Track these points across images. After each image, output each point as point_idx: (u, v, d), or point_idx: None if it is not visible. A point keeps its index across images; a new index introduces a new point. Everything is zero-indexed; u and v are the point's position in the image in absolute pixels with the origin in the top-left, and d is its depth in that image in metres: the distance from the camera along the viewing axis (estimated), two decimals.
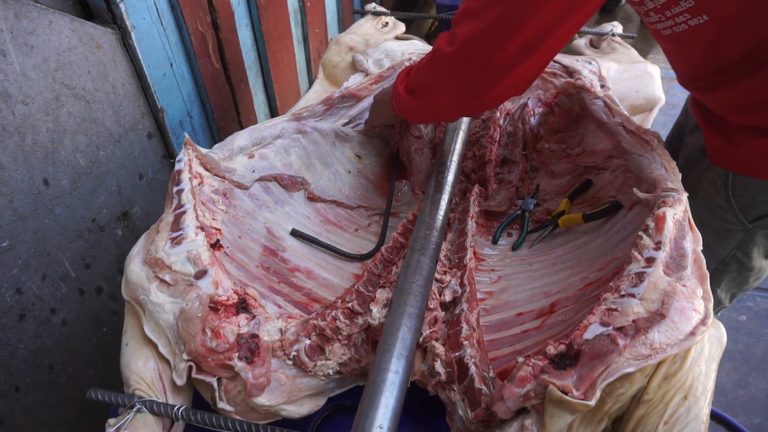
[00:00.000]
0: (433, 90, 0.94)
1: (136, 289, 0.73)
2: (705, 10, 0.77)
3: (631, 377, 0.59)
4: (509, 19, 0.76)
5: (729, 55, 0.82)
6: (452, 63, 0.86)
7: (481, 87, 0.85)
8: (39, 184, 1.01)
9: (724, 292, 1.13)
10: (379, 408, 0.62)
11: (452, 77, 0.87)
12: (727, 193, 0.96)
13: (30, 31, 0.93)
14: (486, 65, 0.81)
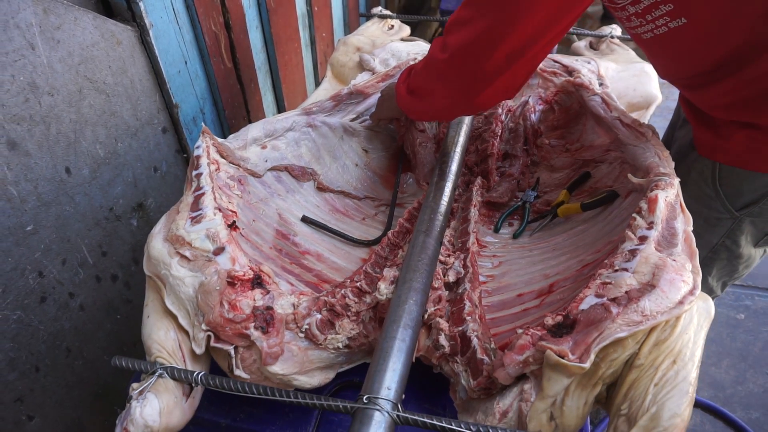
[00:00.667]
0: (430, 93, 0.99)
1: (158, 264, 0.77)
2: (683, 13, 0.82)
3: (624, 342, 0.63)
4: (496, 29, 0.81)
5: (708, 58, 0.87)
6: (445, 69, 0.91)
7: (471, 91, 0.90)
8: (61, 172, 1.06)
9: (715, 280, 1.17)
10: (387, 371, 0.66)
11: (445, 82, 0.93)
12: (715, 183, 1.00)
13: (57, 26, 0.98)
14: (475, 72, 0.86)
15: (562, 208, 1.09)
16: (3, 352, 1.00)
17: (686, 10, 0.82)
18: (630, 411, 0.62)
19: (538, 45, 0.83)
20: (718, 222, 1.05)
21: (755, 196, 0.97)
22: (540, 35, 0.81)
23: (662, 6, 0.84)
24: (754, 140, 0.90)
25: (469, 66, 0.86)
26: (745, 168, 0.94)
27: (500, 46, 0.82)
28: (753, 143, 0.91)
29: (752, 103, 0.88)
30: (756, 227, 1.02)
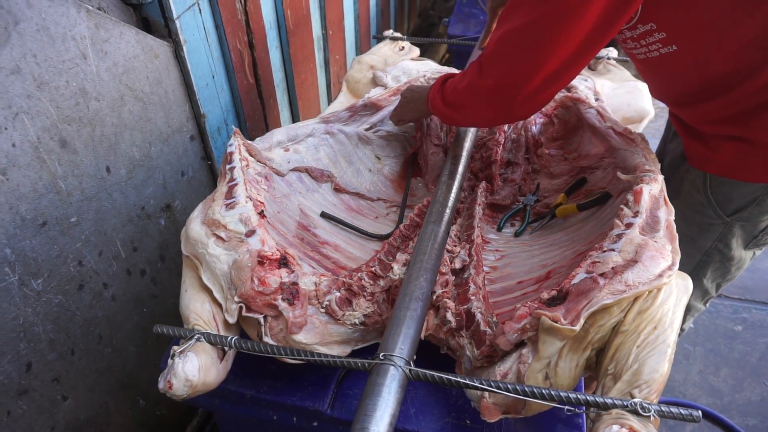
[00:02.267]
0: (470, 109, 1.09)
1: (196, 244, 0.87)
2: (674, 41, 0.93)
3: (610, 310, 0.71)
4: (530, 63, 0.90)
5: (696, 81, 0.97)
6: (488, 94, 1.00)
7: (512, 110, 1.00)
8: (102, 170, 1.16)
9: (710, 281, 1.25)
10: (401, 335, 0.75)
11: (488, 103, 1.02)
12: (706, 191, 1.09)
13: (105, 40, 1.10)
14: (515, 95, 0.95)
15: (560, 209, 1.18)
16: (45, 332, 1.08)
17: (677, 38, 0.93)
18: (616, 370, 0.70)
19: (570, 71, 0.93)
20: (710, 227, 1.13)
21: (744, 203, 1.05)
22: (570, 65, 0.91)
23: (655, 33, 0.94)
24: (740, 152, 0.99)
25: (510, 91, 0.95)
26: (733, 178, 1.03)
27: (536, 75, 0.91)
28: (739, 155, 1.00)
29: (738, 119, 0.97)
30: (745, 231, 1.10)
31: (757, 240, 1.12)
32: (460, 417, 0.89)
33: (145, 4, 1.21)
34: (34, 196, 1.00)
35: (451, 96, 1.11)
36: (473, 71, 1.02)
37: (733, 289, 2.21)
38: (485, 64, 0.98)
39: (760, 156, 0.96)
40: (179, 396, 0.74)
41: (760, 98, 0.90)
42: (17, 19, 0.91)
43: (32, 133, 0.98)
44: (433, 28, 4.09)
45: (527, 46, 0.89)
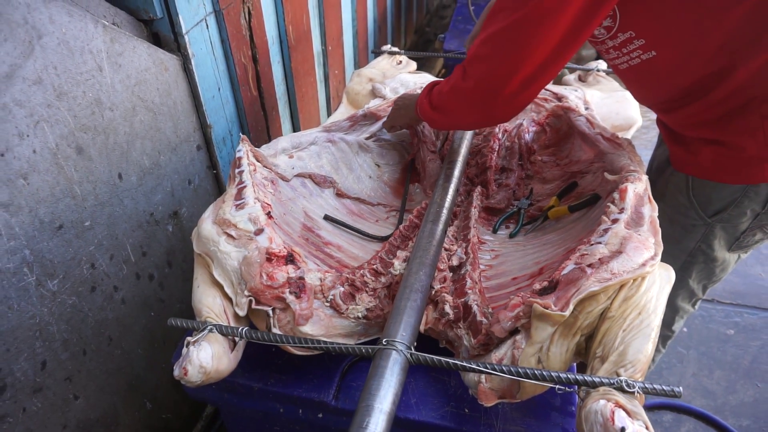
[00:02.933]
0: (455, 111, 1.14)
1: (207, 242, 0.92)
2: (653, 47, 1.00)
3: (597, 297, 0.76)
4: (511, 64, 0.95)
5: (676, 85, 1.04)
6: (469, 95, 1.05)
7: (493, 111, 1.05)
8: (115, 177, 1.21)
9: (696, 282, 1.30)
10: (402, 323, 0.80)
11: (470, 105, 1.08)
12: (689, 193, 1.15)
13: (120, 53, 1.16)
14: (495, 97, 1.01)
15: (552, 211, 1.23)
16: (59, 332, 1.13)
17: (655, 44, 0.99)
18: (603, 352, 0.75)
19: (547, 73, 0.98)
20: (693, 228, 1.19)
21: (723, 204, 1.11)
22: (547, 67, 0.96)
23: (635, 41, 1.01)
24: (718, 155, 1.05)
25: (490, 92, 1.01)
26: (712, 180, 1.09)
27: (515, 76, 0.96)
28: (718, 158, 1.06)
29: (715, 124, 1.03)
30: (727, 232, 1.15)
31: (739, 242, 1.17)
32: (459, 406, 0.93)
33: (156, 20, 1.28)
34: (52, 200, 1.06)
35: (437, 100, 1.17)
36: (457, 74, 1.08)
37: (725, 294, 2.26)
38: (468, 67, 1.04)
39: (735, 158, 1.02)
40: (193, 382, 0.78)
41: (733, 103, 0.96)
42: (40, 34, 0.97)
43: (51, 141, 1.03)
44: (429, 44, 4.19)
45: (506, 49, 0.95)
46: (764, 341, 2.07)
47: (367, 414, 0.67)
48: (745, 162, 1.01)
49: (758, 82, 0.92)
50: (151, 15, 1.25)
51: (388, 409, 0.68)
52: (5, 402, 1.03)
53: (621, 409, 0.64)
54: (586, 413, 0.66)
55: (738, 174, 1.04)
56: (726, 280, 2.32)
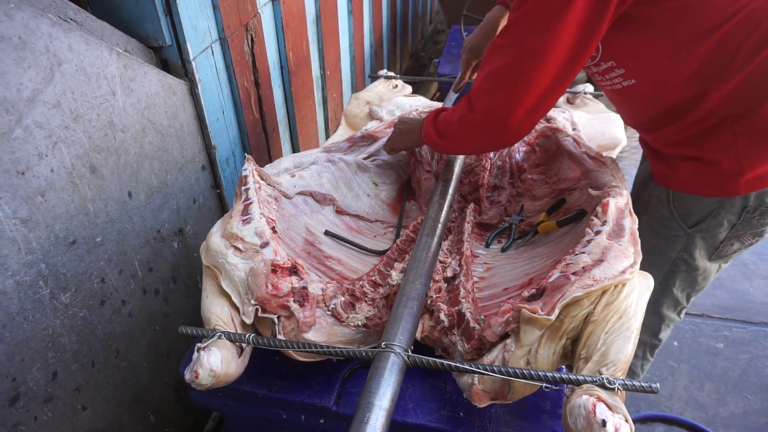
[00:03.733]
0: (462, 139, 1.19)
1: (216, 255, 0.98)
2: (632, 76, 1.08)
3: (581, 302, 0.82)
4: (513, 98, 1.02)
5: (655, 109, 1.12)
6: (477, 126, 1.10)
7: (500, 138, 1.11)
8: (125, 195, 1.27)
9: (680, 291, 1.36)
10: (399, 328, 0.85)
11: (477, 134, 1.13)
12: (670, 206, 1.22)
13: (132, 78, 1.23)
14: (502, 126, 1.06)
15: (541, 226, 1.29)
16: (70, 344, 1.17)
17: (634, 73, 1.08)
18: (587, 353, 0.80)
19: (548, 101, 1.04)
20: (675, 239, 1.25)
21: (702, 215, 1.18)
22: (548, 95, 1.02)
23: (616, 69, 1.10)
24: (695, 170, 1.13)
25: (497, 123, 1.06)
26: (691, 193, 1.16)
27: (519, 107, 1.02)
28: (696, 173, 1.13)
29: (692, 142, 1.11)
30: (706, 242, 1.22)
31: (719, 252, 1.23)
32: (454, 410, 0.98)
33: (165, 47, 1.35)
34: (67, 217, 1.11)
35: (444, 128, 1.23)
36: (464, 106, 1.14)
37: (714, 309, 2.32)
38: (474, 100, 1.10)
39: (712, 173, 1.09)
40: (204, 385, 0.83)
41: (708, 122, 1.04)
42: (60, 61, 1.04)
43: (67, 160, 1.09)
44: (424, 69, 4.30)
45: (509, 84, 1.02)
46: (753, 354, 2.12)
47: (368, 410, 0.72)
48: (721, 176, 1.08)
49: (729, 104, 1.00)
50: (160, 42, 1.32)
51: (387, 406, 0.73)
52: (18, 410, 1.07)
53: (602, 403, 0.70)
54: (570, 407, 0.72)
55: (715, 187, 1.11)
56: (715, 296, 2.39)
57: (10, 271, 1.00)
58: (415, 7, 4.33)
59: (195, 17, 1.37)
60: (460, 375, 0.91)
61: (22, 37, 0.96)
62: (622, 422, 0.69)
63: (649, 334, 1.48)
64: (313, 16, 2.21)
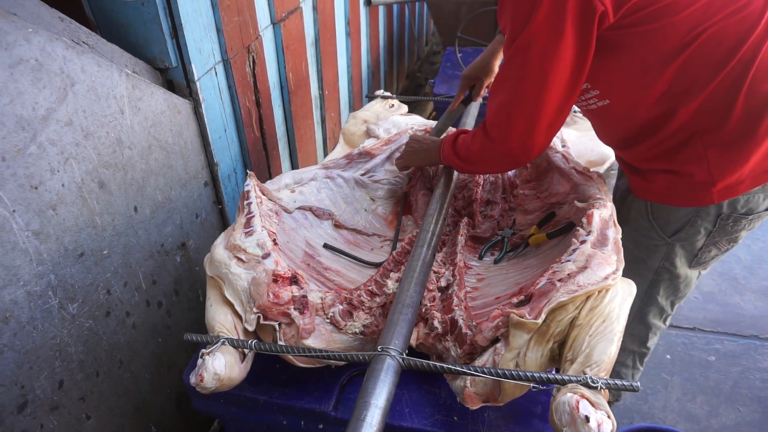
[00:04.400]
0: (484, 164, 1.27)
1: (220, 265, 1.02)
2: (606, 97, 1.15)
3: (566, 307, 0.87)
4: (526, 125, 1.09)
5: (629, 127, 1.18)
6: (498, 153, 1.18)
7: (520, 160, 1.18)
8: (131, 210, 1.32)
9: (664, 299, 1.40)
10: (395, 333, 0.89)
11: (499, 160, 1.21)
12: (649, 217, 1.28)
13: (139, 98, 1.29)
14: (521, 149, 1.13)
15: (532, 239, 1.34)
16: (77, 353, 1.21)
17: (608, 94, 1.15)
18: (572, 355, 0.85)
19: (559, 120, 1.11)
20: (656, 248, 1.31)
21: (680, 225, 1.24)
22: (557, 116, 1.09)
23: (591, 91, 1.17)
24: (670, 182, 1.19)
25: (515, 148, 1.14)
26: (667, 204, 1.22)
27: (534, 132, 1.09)
28: (671, 185, 1.19)
29: (665, 156, 1.17)
30: (686, 250, 1.28)
31: (698, 259, 1.29)
32: (449, 414, 1.02)
33: (171, 69, 1.42)
34: (76, 230, 1.16)
35: (465, 153, 1.28)
36: (482, 135, 1.20)
37: (706, 323, 2.36)
38: (490, 131, 1.16)
39: (686, 184, 1.15)
40: (208, 389, 0.87)
41: (679, 137, 1.10)
42: (73, 82, 1.10)
43: (78, 176, 1.14)
44: (420, 89, 4.40)
45: (520, 114, 1.09)
46: (744, 367, 2.16)
47: (365, 408, 0.76)
48: (694, 187, 1.14)
49: (697, 119, 1.07)
50: (166, 64, 1.39)
51: (383, 405, 0.77)
52: (25, 417, 1.10)
53: (585, 401, 0.74)
54: (556, 405, 0.76)
55: (689, 198, 1.17)
56: (706, 309, 2.44)
57: (21, 281, 1.04)
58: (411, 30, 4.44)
59: (200, 40, 1.44)
60: (453, 379, 0.95)
61: (39, 60, 1.02)
62: (604, 418, 0.73)
63: (637, 343, 1.52)
64: (312, 39, 2.29)
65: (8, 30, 0.95)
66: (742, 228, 1.25)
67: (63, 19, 1.12)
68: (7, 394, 1.05)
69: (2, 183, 0.97)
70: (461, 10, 3.48)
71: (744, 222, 1.22)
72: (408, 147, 1.52)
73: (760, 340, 2.27)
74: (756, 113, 1.04)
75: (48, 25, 1.08)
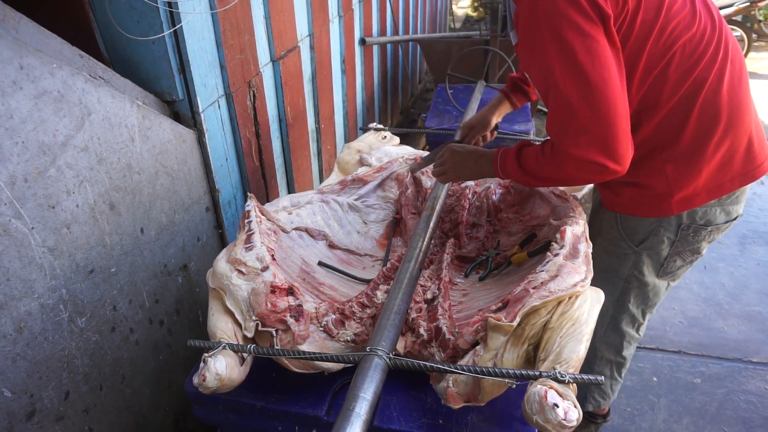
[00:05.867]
0: (566, 177, 1.15)
1: (222, 277, 1.10)
2: None
3: (539, 311, 0.95)
4: (602, 139, 1.03)
5: None
6: (590, 164, 1.06)
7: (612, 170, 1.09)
8: (138, 231, 1.41)
9: (635, 307, 1.49)
10: (383, 336, 0.97)
11: (589, 171, 1.09)
12: (618, 228, 1.37)
13: (148, 127, 1.40)
14: (611, 157, 1.05)
15: (514, 258, 1.43)
16: (83, 366, 1.27)
17: None
18: (545, 355, 0.92)
19: (624, 119, 1.04)
20: (625, 257, 1.40)
21: (645, 234, 1.34)
22: (623, 117, 1.03)
23: None
24: (635, 194, 1.29)
25: (603, 158, 1.05)
26: (632, 215, 1.32)
27: (616, 135, 1.03)
28: (635, 196, 1.30)
29: (631, 169, 1.22)
30: (652, 259, 1.37)
31: (665, 268, 1.38)
32: (434, 418, 1.08)
33: (177, 101, 1.53)
34: (87, 248, 1.24)
35: (533, 169, 1.19)
36: (548, 149, 1.13)
37: (691, 346, 2.42)
38: (558, 143, 1.09)
39: (648, 196, 1.26)
40: (210, 388, 0.94)
41: (642, 151, 1.20)
42: (90, 111, 1.20)
43: (91, 198, 1.24)
44: (413, 124, 4.56)
45: (596, 123, 1.03)
46: (729, 389, 2.21)
47: (354, 400, 0.83)
48: (655, 198, 1.25)
49: (657, 134, 1.18)
50: (174, 97, 1.50)
51: (370, 398, 0.84)
52: (33, 426, 1.16)
53: (553, 391, 0.81)
54: (527, 396, 0.83)
55: (651, 209, 1.27)
56: (691, 333, 2.50)
57: (36, 293, 1.12)
58: (404, 69, 4.63)
59: (205, 75, 1.56)
60: (437, 382, 1.02)
61: (61, 91, 1.12)
62: (571, 407, 0.80)
63: (613, 352, 1.59)
64: (309, 75, 2.43)
65: (35, 65, 1.06)
66: (703, 239, 1.34)
67: (83, 56, 1.23)
68: (18, 402, 1.11)
69: (24, 202, 1.07)
70: (451, 49, 3.66)
71: (704, 233, 1.32)
72: (451, 159, 1.40)
73: (743, 363, 2.33)
74: (706, 131, 1.15)
75: (70, 61, 1.19)
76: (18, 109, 1.03)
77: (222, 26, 1.59)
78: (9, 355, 1.07)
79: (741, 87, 1.19)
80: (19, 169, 1.04)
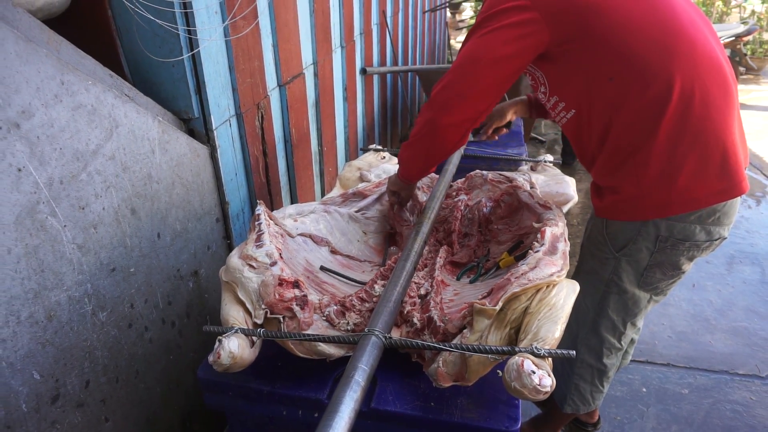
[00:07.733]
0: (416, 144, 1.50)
1: (234, 271, 1.22)
2: (571, 107, 1.37)
3: (520, 297, 1.06)
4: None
5: (589, 141, 1.38)
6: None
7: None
8: (155, 236, 1.53)
9: (615, 314, 1.55)
10: (380, 320, 1.08)
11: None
12: (604, 232, 1.47)
13: (167, 141, 1.53)
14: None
15: (502, 262, 1.55)
16: (102, 358, 1.37)
17: (572, 105, 1.36)
18: (525, 335, 1.03)
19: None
20: (606, 261, 1.49)
21: (625, 240, 1.42)
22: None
23: (560, 103, 1.39)
24: (614, 199, 1.38)
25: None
26: (613, 219, 1.42)
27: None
28: (614, 201, 1.39)
29: (610, 173, 1.35)
30: (631, 266, 1.45)
31: (644, 279, 1.45)
32: (427, 401, 1.18)
33: (193, 119, 1.67)
34: (110, 248, 1.36)
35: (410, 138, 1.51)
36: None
37: (679, 359, 2.51)
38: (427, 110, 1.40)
39: (623, 201, 1.35)
40: (223, 365, 1.04)
41: (619, 157, 1.30)
42: (117, 124, 1.34)
43: (115, 202, 1.36)
44: None
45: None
46: (715, 399, 2.29)
47: (353, 370, 0.94)
48: (629, 201, 1.34)
49: (629, 135, 1.27)
50: (190, 115, 1.64)
51: (368, 369, 0.95)
52: (56, 409, 1.26)
53: (529, 360, 0.92)
54: (507, 368, 0.94)
55: (625, 213, 1.37)
56: (680, 347, 2.59)
57: (65, 286, 1.23)
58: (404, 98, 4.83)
59: (218, 96, 1.70)
60: (428, 364, 1.13)
61: (94, 105, 1.26)
62: (545, 375, 0.91)
63: (593, 357, 1.64)
64: (313, 100, 2.59)
65: (74, 81, 1.20)
66: (681, 254, 1.40)
67: (112, 76, 1.38)
68: (45, 385, 1.21)
69: (59, 202, 1.19)
70: None
71: (682, 248, 1.38)
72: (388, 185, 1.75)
73: (730, 374, 2.42)
74: (675, 137, 1.22)
75: (101, 79, 1.33)
76: (58, 119, 1.17)
77: (235, 52, 1.74)
78: (40, 341, 1.18)
79: (719, 100, 1.24)
80: (56, 172, 1.17)
